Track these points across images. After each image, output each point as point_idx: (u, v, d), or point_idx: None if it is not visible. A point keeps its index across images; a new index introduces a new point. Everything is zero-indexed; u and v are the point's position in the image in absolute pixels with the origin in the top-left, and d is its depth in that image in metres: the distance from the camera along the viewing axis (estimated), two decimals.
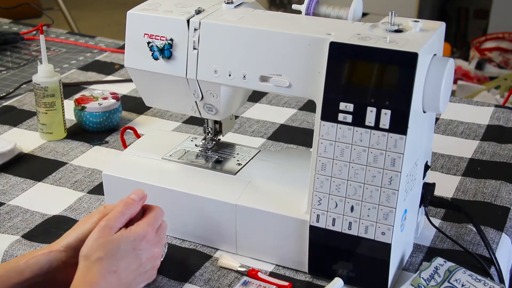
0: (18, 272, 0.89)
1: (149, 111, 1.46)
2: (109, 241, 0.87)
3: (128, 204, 0.91)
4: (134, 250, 0.88)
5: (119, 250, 0.87)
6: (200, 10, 1.00)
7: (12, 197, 1.17)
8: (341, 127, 0.89)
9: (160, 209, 0.94)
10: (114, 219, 0.89)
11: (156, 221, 0.92)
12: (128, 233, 0.88)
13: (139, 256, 0.88)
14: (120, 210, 0.90)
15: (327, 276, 0.96)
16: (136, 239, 0.88)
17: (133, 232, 0.88)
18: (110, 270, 0.85)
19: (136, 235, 0.88)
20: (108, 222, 0.88)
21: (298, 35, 0.92)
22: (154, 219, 0.92)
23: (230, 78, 0.98)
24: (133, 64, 1.04)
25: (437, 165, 1.27)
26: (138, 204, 0.93)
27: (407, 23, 0.92)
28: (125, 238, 0.87)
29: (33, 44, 1.84)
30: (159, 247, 0.92)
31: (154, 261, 0.91)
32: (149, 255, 0.89)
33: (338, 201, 0.92)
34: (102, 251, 0.86)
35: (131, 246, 0.88)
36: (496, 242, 1.06)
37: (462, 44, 3.88)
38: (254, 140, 1.35)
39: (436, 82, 0.89)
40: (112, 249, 0.86)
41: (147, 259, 0.89)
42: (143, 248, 0.88)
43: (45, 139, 1.35)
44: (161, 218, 0.93)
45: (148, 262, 0.90)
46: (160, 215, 0.93)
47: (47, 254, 0.90)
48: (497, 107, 1.49)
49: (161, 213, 0.93)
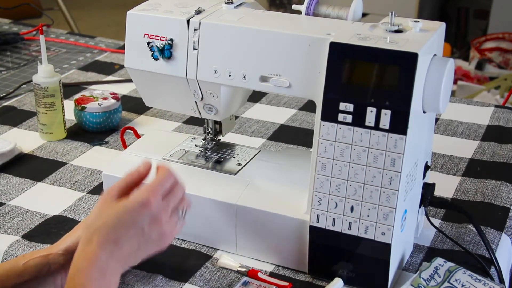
0: (17, 273, 0.89)
1: (149, 111, 1.46)
2: (108, 209, 0.85)
3: (130, 173, 0.89)
4: (133, 219, 0.84)
5: (118, 219, 0.84)
6: (200, 10, 1.00)
7: (12, 197, 1.17)
8: (341, 127, 0.89)
9: (167, 172, 0.89)
10: (115, 187, 0.87)
11: (161, 185, 0.87)
12: (127, 201, 0.85)
13: (139, 225, 0.84)
14: (122, 179, 0.88)
15: (327, 276, 0.96)
16: (134, 207, 0.84)
17: (132, 199, 0.85)
18: (109, 239, 0.83)
19: (134, 202, 0.85)
20: (109, 190, 0.87)
21: (298, 35, 0.92)
22: (158, 183, 0.87)
23: (230, 78, 0.98)
24: (133, 64, 1.04)
25: (437, 165, 1.27)
26: (140, 172, 0.90)
27: (407, 23, 0.92)
28: (123, 206, 0.85)
29: (33, 44, 1.84)
30: (164, 214, 0.87)
31: (159, 228, 0.86)
32: (152, 223, 0.85)
33: (338, 201, 0.92)
34: (101, 220, 0.84)
35: (130, 215, 0.84)
36: (496, 242, 1.06)
37: (462, 44, 3.88)
38: (254, 140, 1.35)
39: (436, 82, 0.89)
40: (111, 218, 0.84)
41: (151, 227, 0.85)
42: (143, 214, 0.84)
43: (45, 139, 1.35)
44: (167, 182, 0.88)
45: (153, 230, 0.85)
46: (166, 179, 0.88)
47: (46, 257, 0.89)
48: (497, 107, 1.49)
49: (167, 177, 0.89)
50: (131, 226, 0.84)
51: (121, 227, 0.84)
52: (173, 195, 0.89)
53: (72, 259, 0.84)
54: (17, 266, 0.89)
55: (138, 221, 0.84)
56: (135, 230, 0.84)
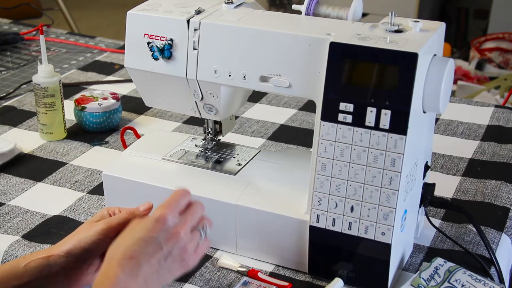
0: (17, 275, 0.88)
1: (149, 111, 1.46)
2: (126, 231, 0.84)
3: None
4: (149, 235, 0.83)
5: (135, 237, 0.83)
6: (200, 10, 1.00)
7: (12, 197, 1.17)
8: (341, 127, 0.89)
9: (183, 191, 0.88)
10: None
11: (176, 202, 0.86)
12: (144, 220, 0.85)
13: (156, 240, 0.83)
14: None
15: (327, 276, 0.96)
16: (149, 222, 0.83)
17: (148, 218, 0.85)
18: (127, 257, 0.81)
19: (150, 219, 0.84)
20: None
21: (298, 35, 0.92)
22: (173, 200, 0.86)
23: (230, 78, 0.98)
24: (133, 64, 1.04)
25: (437, 165, 1.27)
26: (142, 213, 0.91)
27: (407, 23, 0.92)
28: (138, 224, 0.84)
29: (33, 44, 1.84)
30: (181, 228, 0.85)
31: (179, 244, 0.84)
32: (169, 238, 0.84)
33: (338, 201, 0.92)
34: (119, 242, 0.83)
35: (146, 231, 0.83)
36: (496, 242, 1.06)
37: (462, 44, 3.88)
38: (254, 140, 1.35)
39: (436, 82, 0.89)
40: (127, 236, 0.83)
41: (168, 243, 0.83)
42: (159, 231, 0.83)
43: (45, 139, 1.35)
44: (183, 200, 0.88)
45: (171, 246, 0.84)
46: (182, 196, 0.88)
47: (47, 259, 0.89)
48: (497, 107, 1.49)
49: (183, 195, 0.88)
50: (148, 243, 0.83)
51: (139, 245, 0.83)
52: (192, 213, 0.88)
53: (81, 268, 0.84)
54: (17, 268, 0.89)
55: (155, 237, 0.83)
56: (153, 247, 0.83)
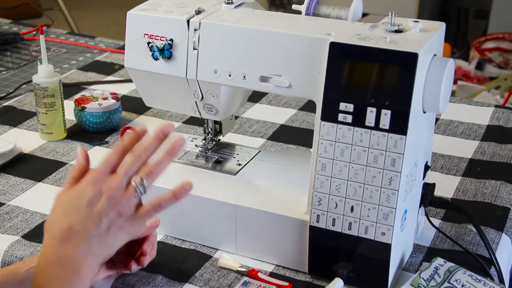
0: (18, 280, 0.88)
1: (149, 111, 1.46)
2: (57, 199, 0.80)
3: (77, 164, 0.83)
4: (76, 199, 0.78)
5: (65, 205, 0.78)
6: (200, 10, 1.00)
7: (12, 197, 1.17)
8: (341, 127, 0.89)
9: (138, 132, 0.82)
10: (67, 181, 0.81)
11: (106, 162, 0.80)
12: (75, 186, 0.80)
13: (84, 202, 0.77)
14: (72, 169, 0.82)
15: (327, 276, 0.96)
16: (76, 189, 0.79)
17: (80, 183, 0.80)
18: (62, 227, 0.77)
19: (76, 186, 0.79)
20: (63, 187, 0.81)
21: (298, 35, 0.92)
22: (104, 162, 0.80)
23: (230, 78, 0.98)
24: (133, 65, 1.04)
25: (437, 165, 1.27)
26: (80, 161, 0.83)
27: (407, 23, 0.92)
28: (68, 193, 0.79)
29: (33, 44, 1.84)
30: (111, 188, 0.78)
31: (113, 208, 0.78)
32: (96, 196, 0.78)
33: (338, 201, 0.92)
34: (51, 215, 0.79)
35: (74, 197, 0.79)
36: (496, 242, 1.06)
37: (462, 44, 3.88)
38: (254, 140, 1.35)
39: (436, 82, 0.89)
40: (59, 206, 0.79)
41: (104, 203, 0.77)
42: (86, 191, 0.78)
43: (45, 139, 1.35)
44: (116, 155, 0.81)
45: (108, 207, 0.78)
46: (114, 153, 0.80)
47: None
48: (497, 107, 1.49)
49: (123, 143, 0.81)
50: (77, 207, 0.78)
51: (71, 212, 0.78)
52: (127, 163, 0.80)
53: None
54: (18, 273, 0.88)
55: (83, 199, 0.78)
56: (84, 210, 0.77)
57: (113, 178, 0.79)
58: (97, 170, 0.79)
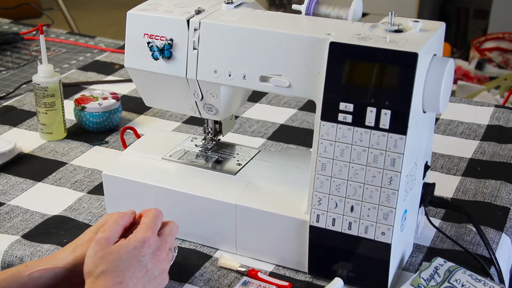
0: (21, 284, 0.87)
1: (149, 111, 1.46)
2: (109, 252, 0.85)
3: (121, 215, 0.90)
4: (136, 258, 0.85)
5: (121, 260, 0.84)
6: (200, 10, 1.00)
7: (12, 197, 1.17)
8: (341, 127, 0.89)
9: (156, 211, 0.91)
10: (109, 230, 0.86)
11: (155, 223, 0.89)
12: (127, 241, 0.86)
13: (143, 263, 0.86)
14: (114, 220, 0.88)
15: (327, 276, 0.96)
16: (136, 246, 0.85)
17: (132, 239, 0.86)
18: (115, 282, 0.83)
19: (136, 242, 0.86)
20: (103, 234, 0.86)
21: (298, 35, 0.92)
22: (152, 222, 0.89)
23: (230, 78, 0.98)
24: (133, 64, 1.04)
25: (437, 165, 1.27)
26: (130, 214, 0.91)
27: (407, 23, 0.92)
28: (124, 247, 0.85)
29: (33, 44, 1.84)
30: (163, 249, 0.88)
31: (161, 265, 0.88)
32: (154, 259, 0.87)
33: (338, 201, 0.92)
34: (104, 264, 0.84)
35: (133, 254, 0.85)
36: (496, 242, 1.06)
37: (462, 44, 3.88)
38: (254, 140, 1.35)
39: (436, 82, 0.89)
40: (113, 260, 0.84)
41: (153, 264, 0.87)
42: (145, 254, 0.86)
43: (45, 139, 1.35)
44: (159, 220, 0.91)
45: (155, 267, 0.87)
46: (158, 217, 0.90)
47: (53, 270, 0.88)
48: (497, 107, 1.49)
49: (158, 215, 0.90)
50: (135, 266, 0.85)
51: (126, 269, 0.84)
52: (169, 233, 0.91)
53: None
54: (20, 277, 0.87)
55: (141, 259, 0.86)
56: (139, 268, 0.85)
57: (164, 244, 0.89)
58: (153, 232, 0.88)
